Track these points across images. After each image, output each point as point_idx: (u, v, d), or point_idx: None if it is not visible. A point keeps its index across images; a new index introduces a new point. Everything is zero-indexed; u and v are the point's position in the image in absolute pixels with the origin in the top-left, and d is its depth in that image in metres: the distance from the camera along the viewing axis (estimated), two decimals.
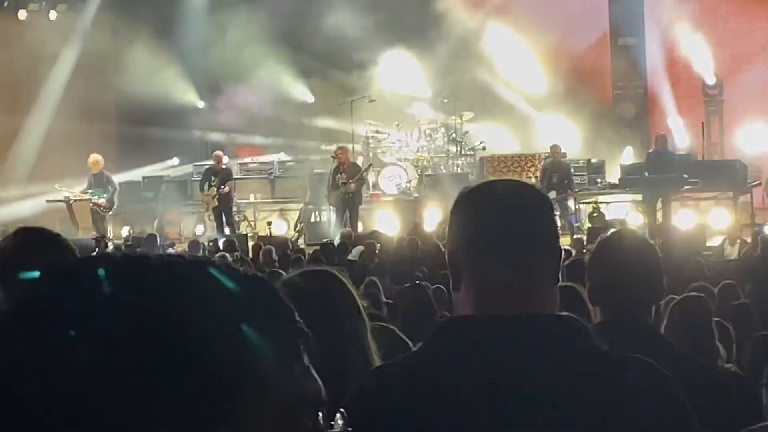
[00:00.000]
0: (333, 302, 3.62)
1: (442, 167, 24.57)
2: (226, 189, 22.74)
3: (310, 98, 27.51)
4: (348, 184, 21.61)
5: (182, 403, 1.06)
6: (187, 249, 17.33)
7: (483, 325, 2.39)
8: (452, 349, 2.40)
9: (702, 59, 26.04)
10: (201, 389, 1.07)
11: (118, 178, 23.80)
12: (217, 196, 22.66)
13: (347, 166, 21.95)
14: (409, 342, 5.09)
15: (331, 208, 22.50)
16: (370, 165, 23.15)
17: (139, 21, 25.91)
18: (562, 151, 22.77)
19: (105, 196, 22.86)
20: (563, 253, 2.59)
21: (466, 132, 24.75)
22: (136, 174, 25.92)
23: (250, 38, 26.61)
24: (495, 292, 2.42)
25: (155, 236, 19.39)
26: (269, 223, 22.12)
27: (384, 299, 8.88)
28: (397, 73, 27.06)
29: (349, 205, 21.79)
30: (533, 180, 21.30)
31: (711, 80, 26.07)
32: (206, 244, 18.77)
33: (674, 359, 3.21)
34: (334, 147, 22.92)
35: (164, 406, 1.06)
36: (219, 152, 23.74)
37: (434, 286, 8.91)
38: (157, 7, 26.23)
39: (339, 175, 21.82)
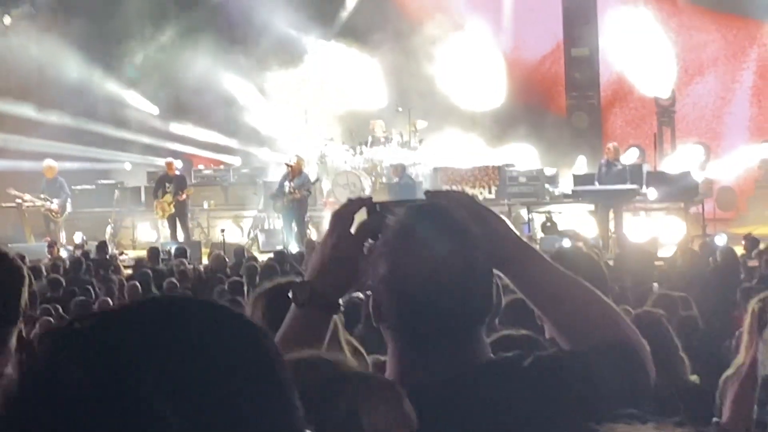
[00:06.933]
0: None
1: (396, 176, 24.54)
2: (184, 196, 22.65)
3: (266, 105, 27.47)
4: (294, 194, 21.59)
5: None
6: (146, 256, 17.25)
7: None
8: None
9: (654, 71, 26.21)
10: None
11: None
12: (173, 203, 22.56)
13: (298, 175, 21.93)
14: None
15: (278, 216, 22.45)
16: (318, 179, 23.10)
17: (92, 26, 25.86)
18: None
19: (57, 201, 22.77)
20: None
21: (421, 140, 24.73)
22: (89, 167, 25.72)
23: (202, 45, 26.66)
24: (425, 348, 2.39)
25: (105, 243, 19.28)
26: (223, 231, 22.04)
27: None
28: (353, 81, 27.10)
29: (294, 214, 21.76)
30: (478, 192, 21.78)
31: (663, 92, 26.24)
32: (162, 250, 18.67)
33: None
34: (291, 155, 22.78)
35: None
36: (170, 159, 23.70)
37: None
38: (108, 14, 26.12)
39: (288, 183, 21.80)
